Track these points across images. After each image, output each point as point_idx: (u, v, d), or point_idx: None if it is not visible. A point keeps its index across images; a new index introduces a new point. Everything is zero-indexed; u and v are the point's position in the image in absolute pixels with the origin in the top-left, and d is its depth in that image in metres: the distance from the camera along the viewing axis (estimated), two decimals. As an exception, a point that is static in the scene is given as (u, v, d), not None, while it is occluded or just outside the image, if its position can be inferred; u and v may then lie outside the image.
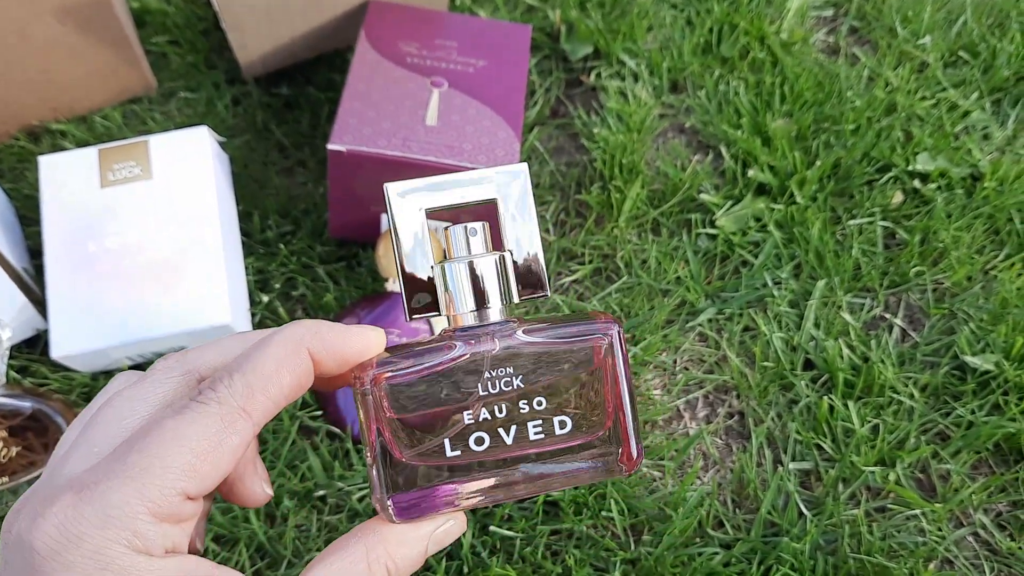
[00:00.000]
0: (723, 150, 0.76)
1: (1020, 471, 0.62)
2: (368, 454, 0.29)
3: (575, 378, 0.30)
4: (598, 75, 0.82)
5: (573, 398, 0.30)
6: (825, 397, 0.64)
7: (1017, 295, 0.69)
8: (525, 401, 0.29)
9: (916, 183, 0.75)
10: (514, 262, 0.32)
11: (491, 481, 0.30)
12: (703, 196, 0.73)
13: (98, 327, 0.61)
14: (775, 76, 0.80)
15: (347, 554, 0.28)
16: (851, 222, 0.73)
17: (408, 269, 0.31)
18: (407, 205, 0.31)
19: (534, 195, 0.39)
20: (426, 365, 0.29)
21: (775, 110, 0.78)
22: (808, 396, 0.64)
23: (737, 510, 0.61)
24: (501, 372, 0.29)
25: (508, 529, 0.58)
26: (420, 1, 0.75)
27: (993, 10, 0.89)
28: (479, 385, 0.29)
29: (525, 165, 0.32)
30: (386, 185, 0.31)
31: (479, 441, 0.29)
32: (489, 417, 0.29)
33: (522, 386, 0.29)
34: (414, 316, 0.32)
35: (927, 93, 0.82)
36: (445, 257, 0.31)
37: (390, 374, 0.28)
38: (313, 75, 0.80)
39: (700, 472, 0.63)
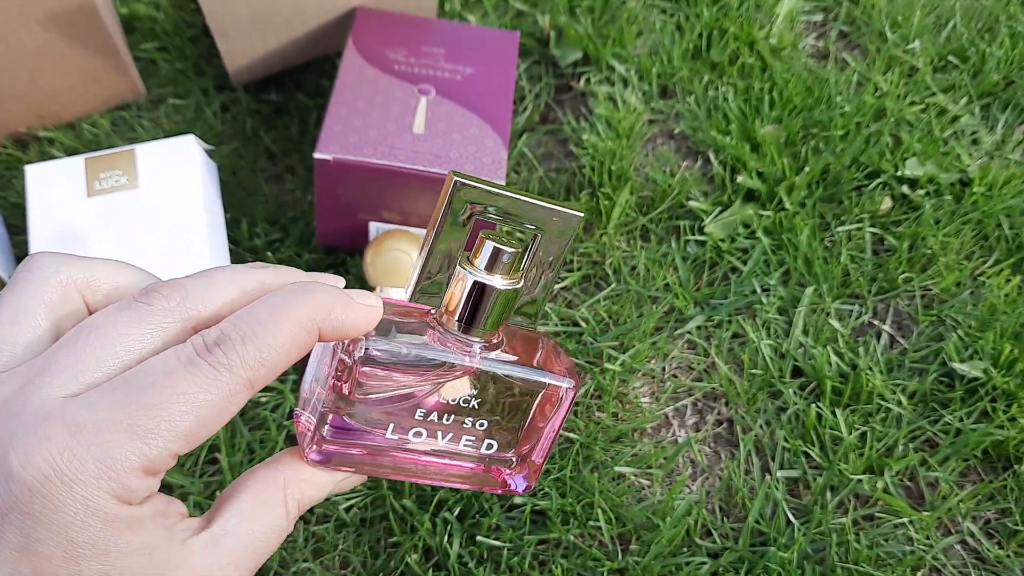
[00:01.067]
0: (711, 156, 0.76)
1: (1008, 479, 0.62)
2: (321, 390, 0.31)
3: (519, 414, 0.33)
4: (587, 81, 0.82)
5: (508, 428, 0.33)
6: (813, 405, 0.64)
7: (1005, 301, 0.69)
8: (471, 419, 0.33)
9: (905, 189, 0.75)
10: (520, 295, 0.33)
11: (398, 460, 0.33)
12: (692, 203, 0.73)
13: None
14: (764, 82, 0.80)
15: (269, 485, 0.29)
16: (840, 228, 0.73)
17: (433, 257, 0.32)
18: (463, 202, 0.31)
19: (571, 246, 0.40)
20: (404, 352, 0.30)
21: (764, 116, 0.78)
22: (796, 404, 0.64)
23: (725, 519, 0.61)
24: (464, 388, 0.32)
25: (495, 539, 0.58)
26: (408, 8, 0.75)
27: (982, 14, 0.89)
28: (441, 391, 0.31)
29: (582, 215, 0.32)
30: (451, 173, 0.31)
31: (417, 434, 0.32)
32: (436, 420, 0.32)
33: (476, 408, 0.32)
34: (415, 298, 0.33)
35: (916, 98, 0.82)
36: (469, 261, 0.32)
37: (371, 349, 0.29)
38: (303, 81, 0.79)
39: (688, 480, 0.63)
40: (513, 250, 0.31)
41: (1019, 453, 0.63)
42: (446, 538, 0.57)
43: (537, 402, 0.33)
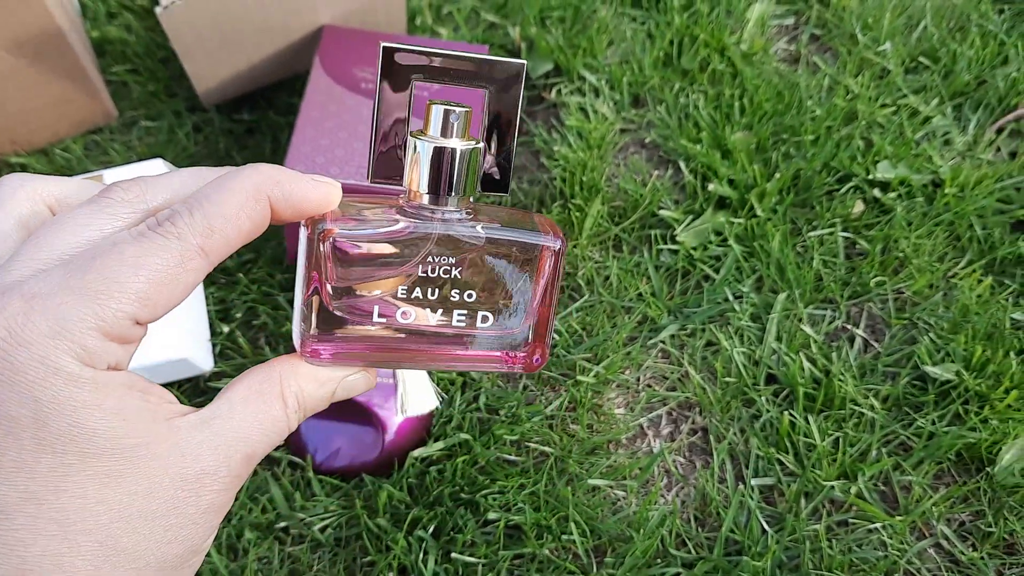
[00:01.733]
0: (682, 165, 0.76)
1: (981, 481, 0.62)
2: (303, 294, 0.30)
3: (509, 279, 0.32)
4: (559, 92, 0.82)
5: (500, 296, 0.32)
6: (786, 412, 0.64)
7: (977, 302, 0.69)
8: (458, 291, 0.31)
9: (876, 192, 0.75)
10: (484, 156, 0.32)
11: (406, 351, 0.32)
12: (663, 212, 0.74)
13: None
14: (734, 88, 0.80)
15: (265, 378, 0.29)
16: (811, 233, 0.73)
17: (383, 131, 0.32)
18: (398, 69, 0.30)
19: (523, 101, 0.39)
20: (374, 232, 0.29)
21: (735, 123, 0.78)
22: (770, 411, 0.65)
23: (700, 528, 0.61)
24: (444, 259, 0.30)
25: (470, 555, 0.58)
26: (378, 24, 0.75)
27: (953, 14, 0.89)
28: (419, 265, 0.30)
29: (525, 63, 0.32)
30: (381, 43, 0.30)
31: (404, 315, 0.31)
32: (421, 296, 0.31)
33: (459, 277, 0.31)
34: (376, 180, 0.32)
35: (888, 100, 0.82)
36: (422, 132, 0.31)
37: (339, 230, 0.29)
38: (274, 99, 0.80)
39: (664, 491, 0.63)
40: (462, 109, 0.30)
41: (992, 455, 0.63)
42: (421, 556, 0.58)
43: (532, 268, 0.32)
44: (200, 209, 0.26)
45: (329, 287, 0.29)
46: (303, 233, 0.30)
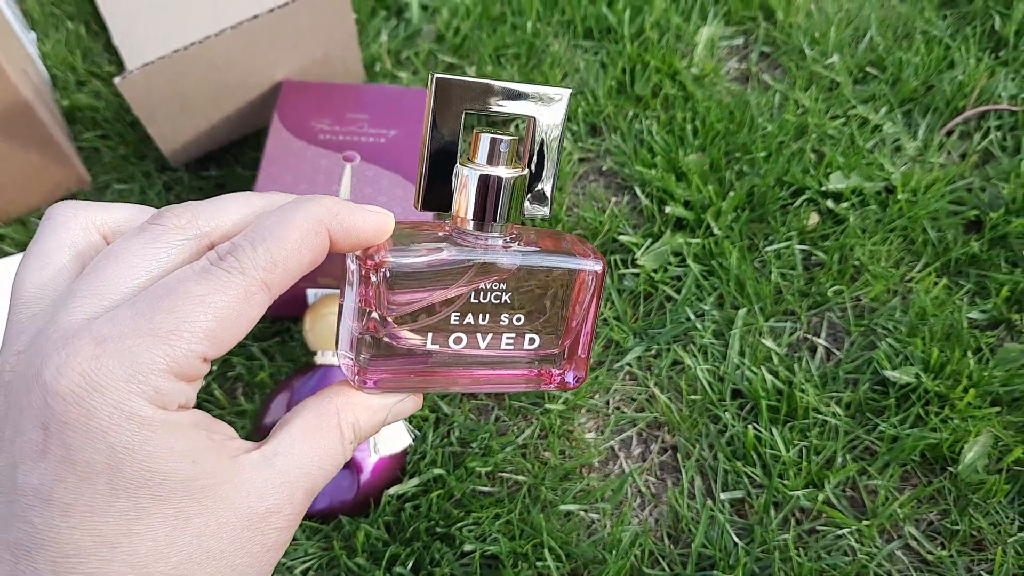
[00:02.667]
0: (638, 190, 0.78)
1: (945, 480, 0.64)
2: (354, 324, 0.31)
3: (552, 302, 0.33)
4: (516, 127, 0.84)
5: (545, 319, 0.33)
6: (751, 425, 0.65)
7: (933, 304, 0.71)
8: (507, 315, 0.32)
9: (830, 203, 0.77)
10: (529, 183, 0.34)
11: (452, 375, 0.33)
12: (623, 237, 0.75)
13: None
14: (686, 111, 0.83)
15: (323, 411, 0.29)
16: (768, 248, 0.75)
17: (433, 161, 0.33)
18: (448, 101, 0.32)
19: (567, 124, 0.40)
20: (425, 260, 0.30)
21: (688, 145, 0.80)
22: (735, 426, 0.66)
23: (673, 546, 0.63)
24: (493, 284, 0.31)
25: (448, 588, 0.59)
26: (335, 76, 0.78)
27: (898, 22, 0.92)
28: (470, 290, 0.31)
29: (569, 91, 0.33)
30: (434, 75, 0.31)
31: (457, 340, 0.32)
32: (472, 322, 0.32)
33: (507, 301, 0.32)
34: (425, 208, 0.33)
35: (838, 111, 0.84)
36: (469, 159, 0.32)
37: (392, 260, 0.30)
38: (240, 155, 0.82)
39: (637, 510, 0.65)
40: (510, 137, 0.31)
41: (955, 454, 0.64)
42: (400, 592, 0.59)
43: (568, 290, 0.33)
44: (263, 243, 0.26)
45: (379, 315, 0.30)
46: (352, 263, 0.30)
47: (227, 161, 0.82)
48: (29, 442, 0.24)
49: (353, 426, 0.30)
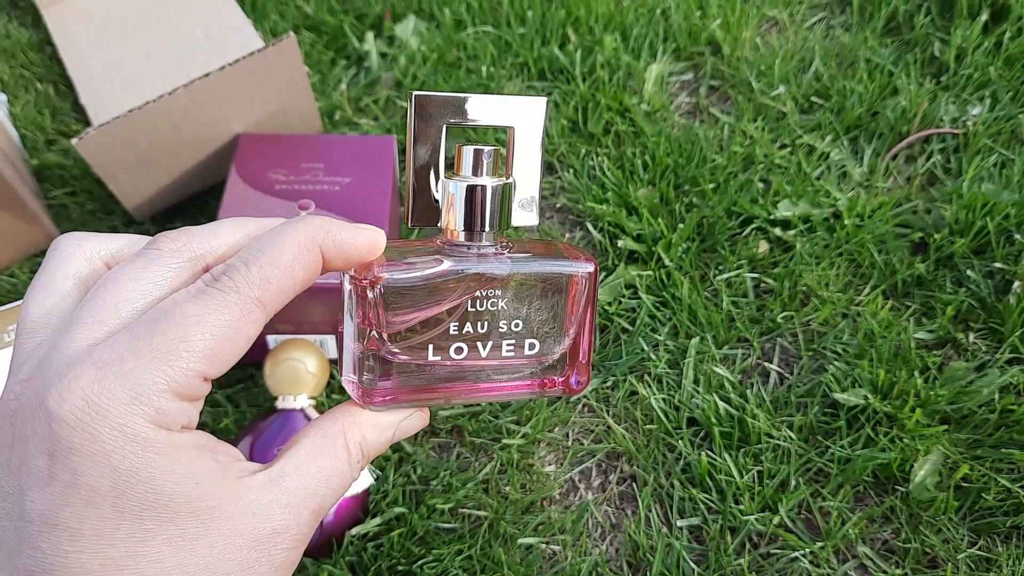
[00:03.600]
0: (590, 226, 0.80)
1: (896, 499, 0.65)
2: (354, 344, 0.31)
3: (549, 307, 0.33)
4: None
5: (543, 324, 0.33)
6: (704, 452, 0.67)
7: (880, 326, 0.72)
8: (505, 321, 0.33)
9: (779, 231, 0.79)
10: (514, 190, 0.34)
11: (456, 389, 0.33)
12: (577, 272, 0.77)
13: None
14: (637, 147, 0.85)
15: (328, 432, 0.30)
16: (720, 277, 0.77)
17: (419, 177, 0.33)
18: (428, 116, 0.33)
19: (546, 131, 0.41)
20: (420, 274, 0.31)
21: (639, 179, 0.82)
22: (691, 453, 0.67)
23: (633, 574, 0.64)
24: (489, 292, 0.32)
25: (409, 626, 0.60)
26: (292, 128, 0.80)
27: (842, 52, 0.94)
28: (467, 300, 0.32)
29: (545, 99, 0.34)
30: (413, 93, 0.33)
31: (458, 351, 0.32)
32: (472, 331, 0.32)
33: (505, 308, 0.32)
34: (415, 224, 0.34)
35: (785, 140, 0.86)
36: (454, 173, 0.33)
37: (388, 276, 0.30)
38: (204, 206, 0.84)
39: (597, 540, 0.66)
40: (491, 147, 0.32)
41: (905, 472, 0.65)
42: (362, 632, 0.60)
43: (563, 293, 0.33)
44: (256, 262, 0.27)
45: (378, 332, 0.31)
46: (348, 283, 0.31)
47: (191, 213, 0.84)
48: (35, 469, 0.24)
49: (360, 445, 0.30)
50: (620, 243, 0.78)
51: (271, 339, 0.70)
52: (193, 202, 0.84)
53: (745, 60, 0.94)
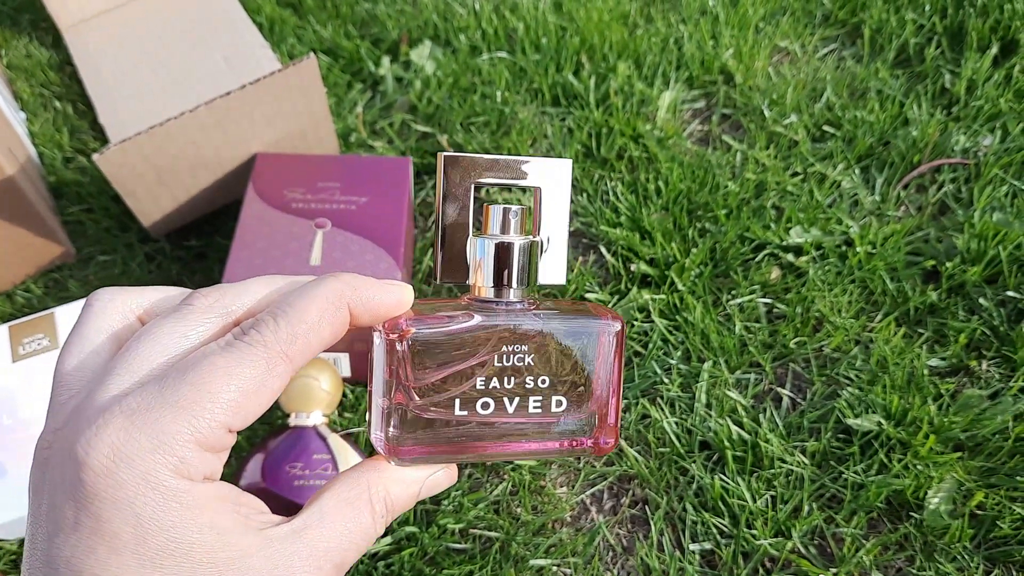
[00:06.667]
0: (603, 249, 0.81)
1: (910, 526, 0.64)
2: (382, 399, 0.31)
3: (575, 364, 0.33)
4: (487, 191, 0.87)
5: (570, 381, 0.33)
6: (717, 476, 0.66)
7: (893, 353, 0.72)
8: (531, 377, 0.33)
9: (791, 257, 0.80)
10: (541, 249, 0.35)
11: (482, 444, 0.33)
12: (590, 294, 0.78)
13: (19, 496, 0.64)
14: (650, 172, 0.86)
15: (353, 486, 0.30)
16: (732, 302, 0.77)
17: (447, 234, 0.34)
18: (456, 176, 0.33)
19: (572, 190, 0.41)
20: (449, 328, 0.31)
21: (652, 204, 0.83)
22: (703, 477, 0.67)
23: (644, 598, 0.63)
24: (515, 347, 0.32)
25: (419, 647, 0.60)
26: (309, 147, 0.81)
27: (853, 82, 0.95)
28: (494, 355, 0.32)
29: (570, 161, 0.35)
30: (442, 155, 0.33)
31: (485, 406, 0.32)
32: (498, 386, 0.32)
33: (532, 364, 0.32)
34: (444, 280, 0.35)
35: (797, 168, 0.87)
36: (481, 231, 0.33)
37: (416, 331, 0.30)
38: (220, 225, 0.85)
39: (609, 563, 0.65)
40: (519, 207, 0.33)
41: (919, 499, 0.65)
42: (371, 652, 0.59)
43: (591, 351, 0.33)
44: (284, 317, 0.28)
45: (405, 387, 0.31)
46: (377, 337, 0.31)
47: (207, 231, 0.84)
48: (62, 516, 0.25)
49: (385, 500, 0.30)
50: (633, 267, 0.78)
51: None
52: (209, 221, 0.85)
53: (757, 89, 0.95)
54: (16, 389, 0.67)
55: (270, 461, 0.66)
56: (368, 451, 0.69)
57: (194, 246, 0.84)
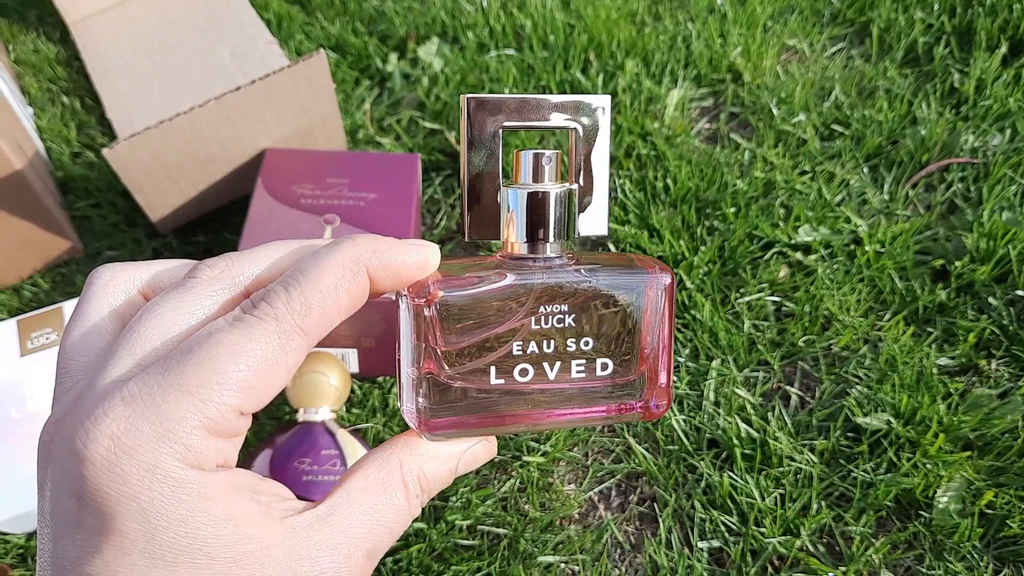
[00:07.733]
0: (612, 247, 0.80)
1: (919, 525, 0.64)
2: (411, 368, 0.29)
3: (622, 322, 0.30)
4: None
5: (616, 341, 0.30)
6: (726, 474, 0.66)
7: (902, 352, 0.72)
8: (573, 340, 0.29)
9: (799, 255, 0.79)
10: (579, 197, 0.32)
11: (522, 413, 0.30)
12: (599, 292, 0.77)
13: (27, 490, 0.64)
14: (658, 170, 0.85)
15: (384, 465, 0.28)
16: (741, 300, 0.77)
17: (474, 187, 0.31)
18: (483, 120, 0.30)
19: (610, 132, 0.36)
20: (480, 290, 0.28)
21: (660, 202, 0.83)
22: (711, 475, 0.67)
23: (652, 596, 0.63)
24: (554, 308, 0.29)
25: (427, 643, 0.60)
26: (318, 144, 0.81)
27: (862, 81, 0.95)
28: (531, 317, 0.29)
29: (609, 97, 0.31)
30: (465, 96, 0.30)
31: (523, 372, 0.29)
32: (537, 351, 0.29)
33: (573, 325, 0.29)
34: (472, 238, 0.32)
35: (806, 167, 0.87)
36: (512, 181, 0.30)
37: (444, 294, 0.28)
38: (227, 221, 0.85)
39: (617, 561, 0.65)
40: (552, 151, 0.30)
41: (928, 498, 0.65)
42: (380, 647, 0.59)
43: (638, 308, 0.30)
44: (296, 286, 0.25)
45: (436, 355, 0.28)
46: (404, 302, 0.28)
47: (214, 227, 0.84)
48: (65, 514, 0.23)
49: (419, 478, 0.28)
50: (641, 264, 0.78)
51: (293, 352, 0.70)
52: (216, 217, 0.85)
53: (765, 87, 0.94)
54: (25, 383, 0.67)
55: (278, 457, 0.66)
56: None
57: (202, 242, 0.84)
